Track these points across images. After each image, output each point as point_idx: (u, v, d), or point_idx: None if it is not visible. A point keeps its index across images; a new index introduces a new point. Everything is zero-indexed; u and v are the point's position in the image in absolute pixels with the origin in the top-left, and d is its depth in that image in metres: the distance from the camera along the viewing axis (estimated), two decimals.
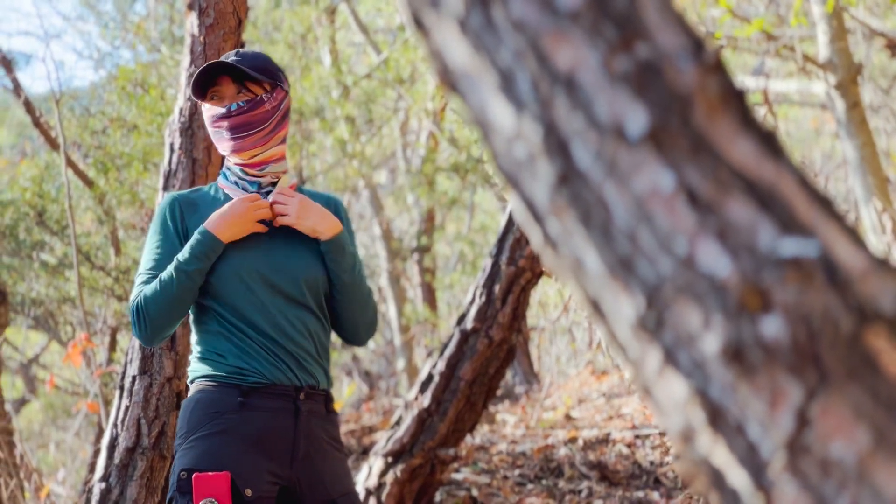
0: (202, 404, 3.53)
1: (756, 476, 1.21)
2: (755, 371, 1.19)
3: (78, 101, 11.55)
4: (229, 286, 3.57)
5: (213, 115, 3.68)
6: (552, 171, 1.29)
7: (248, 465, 3.45)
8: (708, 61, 1.26)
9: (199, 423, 3.49)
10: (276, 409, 3.55)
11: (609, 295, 1.28)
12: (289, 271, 3.68)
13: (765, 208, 1.21)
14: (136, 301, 3.58)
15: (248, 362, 3.53)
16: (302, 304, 3.69)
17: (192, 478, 3.38)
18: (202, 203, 3.75)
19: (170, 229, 3.68)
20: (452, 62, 1.36)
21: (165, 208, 3.71)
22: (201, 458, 3.43)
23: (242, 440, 3.47)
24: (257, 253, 3.64)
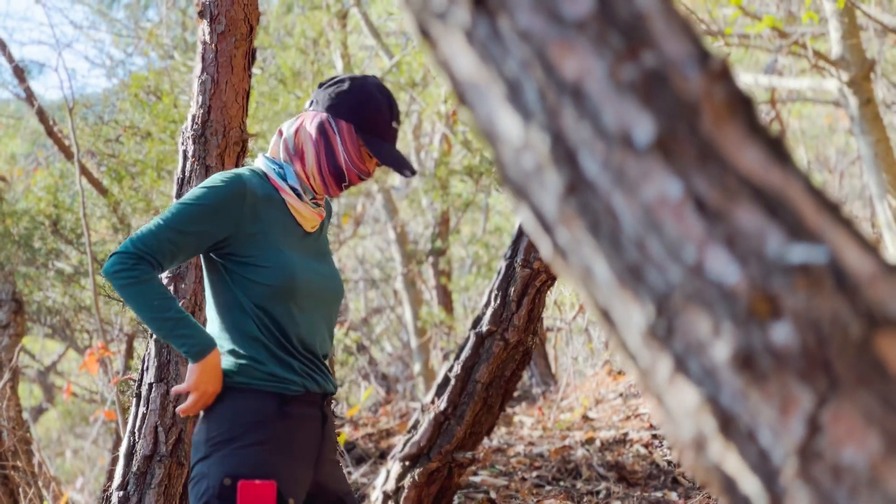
0: (244, 411, 3.46)
1: (768, 483, 1.21)
2: (766, 378, 1.19)
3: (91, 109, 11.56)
4: (279, 294, 3.53)
5: (355, 166, 3.65)
6: (560, 181, 1.29)
7: (290, 474, 3.44)
8: (714, 69, 1.26)
9: (244, 431, 3.42)
10: (310, 416, 3.56)
11: (619, 303, 1.28)
12: (330, 284, 3.71)
13: (773, 215, 1.21)
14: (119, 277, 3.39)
15: (285, 371, 3.52)
16: (331, 318, 3.72)
17: (236, 485, 3.35)
18: (263, 205, 3.58)
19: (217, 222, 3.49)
20: (459, 73, 1.36)
21: (231, 198, 3.50)
22: (246, 465, 3.36)
23: (284, 450, 3.46)
24: (308, 263, 3.63)
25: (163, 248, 3.43)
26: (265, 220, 3.56)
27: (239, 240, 3.52)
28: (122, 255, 3.41)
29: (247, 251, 3.51)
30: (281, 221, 3.60)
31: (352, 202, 15.21)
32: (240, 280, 3.53)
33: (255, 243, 3.52)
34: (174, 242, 3.44)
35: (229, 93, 5.32)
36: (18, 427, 7.87)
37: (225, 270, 3.56)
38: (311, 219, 3.68)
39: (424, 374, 13.77)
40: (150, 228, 3.45)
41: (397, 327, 17.17)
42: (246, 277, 3.51)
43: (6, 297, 9.26)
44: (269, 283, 3.51)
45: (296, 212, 3.63)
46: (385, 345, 17.96)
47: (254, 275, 3.51)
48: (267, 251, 3.52)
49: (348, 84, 3.70)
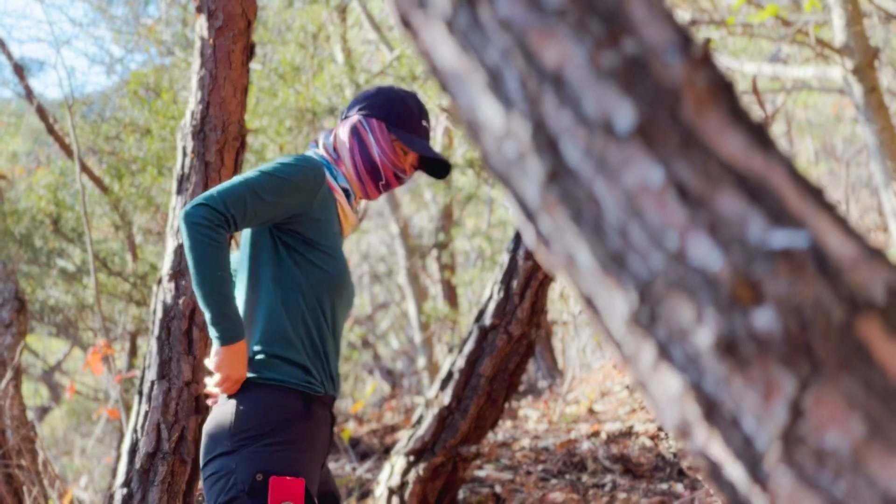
0: (274, 408, 3.47)
1: (752, 468, 1.21)
2: (748, 364, 1.19)
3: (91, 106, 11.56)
4: (333, 285, 3.58)
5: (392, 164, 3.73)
6: (542, 169, 1.29)
7: (314, 474, 3.48)
8: (695, 55, 1.26)
9: (274, 428, 3.43)
10: (324, 418, 3.61)
11: (602, 291, 1.28)
12: (353, 290, 3.77)
13: (755, 201, 1.21)
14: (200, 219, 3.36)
15: (309, 371, 3.54)
16: (345, 323, 3.77)
17: (268, 480, 3.35)
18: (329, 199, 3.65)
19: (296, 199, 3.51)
20: (441, 62, 1.36)
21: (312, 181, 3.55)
22: (278, 462, 3.39)
23: (309, 449, 3.49)
24: (346, 267, 3.68)
25: (245, 212, 3.43)
26: (328, 210, 3.63)
27: (306, 222, 3.56)
28: (210, 210, 3.38)
29: (313, 234, 3.56)
30: (335, 219, 3.68)
31: None
32: (302, 261, 3.55)
33: (319, 229, 3.58)
34: (255, 209, 3.45)
35: (228, 88, 5.32)
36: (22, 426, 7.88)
37: (286, 248, 3.56)
38: (353, 223, 3.79)
39: (429, 369, 13.77)
40: (237, 188, 3.43)
41: (402, 322, 17.18)
42: (309, 259, 3.56)
43: (9, 296, 9.25)
44: (329, 271, 3.57)
45: (343, 213, 3.71)
46: (391, 340, 17.98)
47: (318, 259, 3.57)
48: (330, 240, 3.60)
49: (376, 90, 3.81)
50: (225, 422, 3.50)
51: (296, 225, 3.55)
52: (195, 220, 3.36)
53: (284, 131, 10.57)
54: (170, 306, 5.27)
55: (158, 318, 5.29)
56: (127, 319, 10.41)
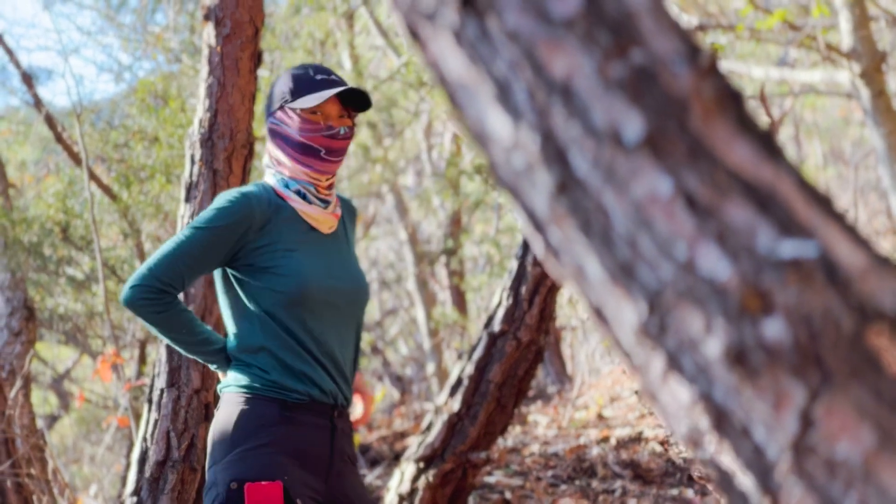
0: (246, 416, 3.50)
1: (763, 478, 1.21)
2: (758, 373, 1.19)
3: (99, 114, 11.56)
4: (290, 301, 3.53)
5: (317, 129, 3.62)
6: (551, 180, 1.29)
7: (296, 477, 3.45)
8: (703, 65, 1.26)
9: (246, 435, 3.46)
10: (316, 426, 3.56)
11: (611, 301, 1.28)
12: (349, 287, 3.70)
13: (764, 210, 1.21)
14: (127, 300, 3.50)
15: (290, 380, 3.52)
16: (351, 322, 3.71)
17: (243, 488, 3.37)
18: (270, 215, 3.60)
19: (224, 240, 3.52)
20: (449, 74, 1.36)
21: (235, 215, 3.53)
22: (251, 469, 3.40)
23: (288, 453, 3.47)
24: (326, 268, 3.62)
25: (179, 275, 3.51)
26: (275, 232, 3.58)
27: (250, 253, 3.55)
28: (142, 288, 3.50)
29: (259, 261, 3.55)
30: (293, 230, 3.62)
31: (362, 204, 15.22)
32: (252, 288, 3.56)
33: (266, 253, 3.55)
34: (189, 267, 3.52)
35: (236, 95, 5.33)
36: (32, 434, 7.88)
37: (236, 281, 3.59)
38: (326, 220, 3.69)
39: (438, 375, 13.76)
40: (165, 256, 3.52)
41: (412, 328, 17.16)
42: (258, 285, 3.55)
43: (18, 305, 9.26)
44: (281, 290, 3.53)
45: (307, 216, 3.64)
46: (400, 346, 17.98)
47: (266, 282, 3.54)
48: (280, 259, 3.55)
49: (274, 85, 3.78)
50: (211, 434, 3.59)
51: (242, 259, 3.56)
52: (133, 304, 3.51)
53: None
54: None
55: None
56: (136, 327, 10.40)
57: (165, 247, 3.54)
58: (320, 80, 3.64)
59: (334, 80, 3.65)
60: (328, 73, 3.68)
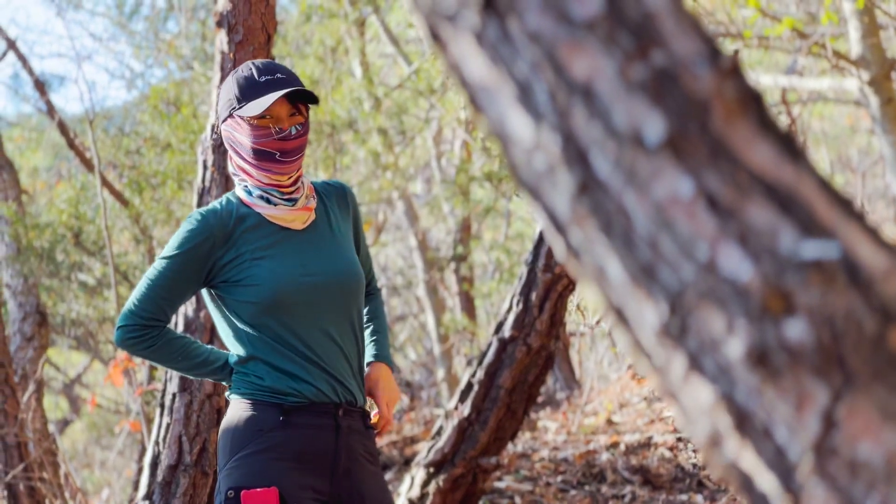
0: (244, 422, 3.51)
1: (784, 479, 1.21)
2: (780, 374, 1.19)
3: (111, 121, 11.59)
4: (268, 309, 3.52)
5: (267, 135, 3.55)
6: (572, 181, 1.29)
7: (293, 482, 3.45)
8: (724, 66, 1.26)
9: (243, 442, 3.48)
10: (318, 426, 3.55)
11: (632, 302, 1.28)
12: (331, 280, 3.64)
13: (785, 211, 1.21)
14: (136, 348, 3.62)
15: (288, 383, 3.52)
16: (341, 314, 3.68)
17: (240, 496, 3.38)
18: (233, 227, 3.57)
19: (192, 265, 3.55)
20: (470, 75, 1.37)
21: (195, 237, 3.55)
22: (247, 476, 3.42)
23: (286, 458, 3.47)
24: (303, 265, 3.59)
25: (159, 307, 3.59)
26: (240, 243, 3.57)
27: (221, 269, 3.56)
28: (127, 328, 3.60)
29: (231, 275, 3.55)
30: (261, 236, 3.60)
31: (372, 210, 15.22)
32: (230, 303, 3.57)
33: (235, 267, 3.55)
34: (165, 297, 3.59)
35: None
36: (44, 439, 7.90)
37: (218, 298, 3.62)
38: (296, 217, 3.63)
39: (448, 381, 13.76)
40: (141, 292, 3.61)
41: (421, 335, 17.17)
42: (235, 299, 3.56)
43: (30, 310, 9.28)
44: (255, 301, 3.52)
45: (275, 219, 3.61)
46: (409, 352, 17.98)
47: (241, 295, 3.54)
48: (248, 270, 3.54)
49: (221, 92, 3.73)
50: (218, 440, 3.63)
51: (216, 277, 3.58)
52: (124, 343, 3.63)
53: None
54: (191, 319, 5.29)
55: (180, 331, 5.31)
56: None
57: (141, 283, 3.62)
58: (265, 83, 3.55)
59: (279, 80, 3.57)
60: (273, 72, 3.60)
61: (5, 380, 7.29)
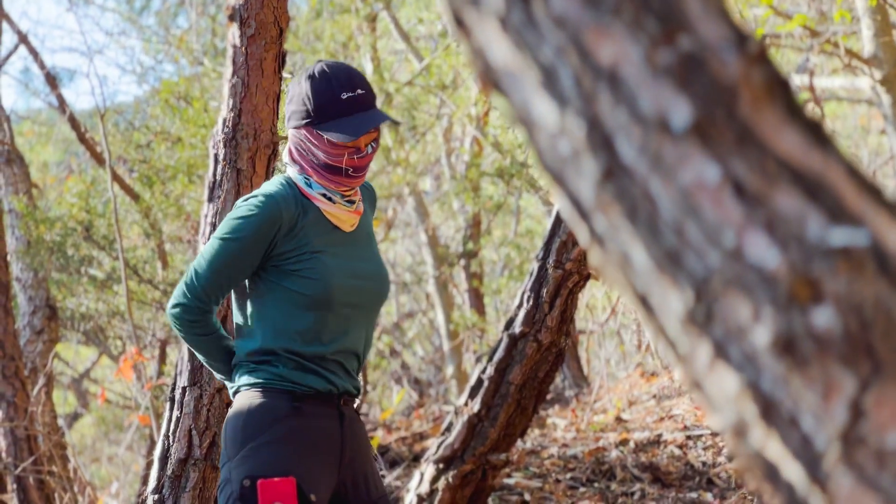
0: (257, 411, 3.50)
1: (811, 469, 1.20)
2: (807, 363, 1.18)
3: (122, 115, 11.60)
4: (315, 303, 3.52)
5: (341, 155, 3.54)
6: (597, 167, 1.28)
7: (309, 470, 3.46)
8: (752, 52, 1.25)
9: (257, 431, 3.47)
10: (326, 415, 3.57)
11: (657, 289, 1.27)
12: (371, 285, 3.68)
13: (813, 198, 1.20)
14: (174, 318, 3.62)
15: (300, 376, 3.53)
16: (369, 318, 3.70)
17: (256, 485, 3.37)
18: (296, 218, 3.55)
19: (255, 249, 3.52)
20: (494, 60, 1.35)
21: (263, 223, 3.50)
22: (264, 464, 3.42)
23: (302, 446, 3.48)
24: (349, 267, 3.60)
25: (217, 291, 3.57)
26: (301, 234, 3.56)
27: (277, 256, 3.54)
28: (188, 309, 3.58)
29: (286, 264, 3.52)
30: (318, 230, 3.59)
31: (382, 206, 15.21)
32: (275, 287, 3.54)
33: (294, 256, 3.53)
34: (225, 280, 3.56)
35: (260, 96, 5.32)
36: (53, 432, 7.90)
37: (259, 278, 3.57)
38: (349, 219, 3.65)
39: (457, 377, 13.75)
40: (200, 274, 3.55)
41: (429, 331, 17.15)
42: (282, 285, 3.52)
43: (40, 304, 9.29)
44: (307, 293, 3.51)
45: (332, 216, 3.60)
46: (417, 349, 17.97)
47: (291, 284, 3.52)
48: (307, 262, 3.52)
49: (289, 93, 3.68)
50: (224, 432, 3.61)
51: (270, 261, 3.55)
52: (178, 322, 3.63)
53: None
54: None
55: None
56: (157, 327, 10.42)
57: (202, 262, 3.55)
58: (347, 102, 3.52)
59: (358, 99, 3.53)
60: (353, 87, 3.54)
61: (15, 373, 7.30)
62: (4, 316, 7.36)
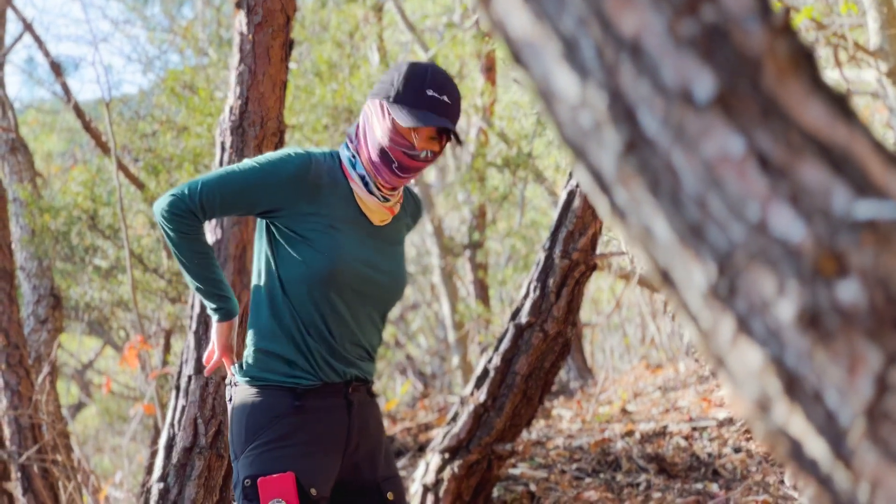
0: (258, 409, 3.50)
1: (835, 445, 1.18)
2: (832, 337, 1.16)
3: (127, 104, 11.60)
4: (317, 278, 3.48)
5: (400, 144, 3.50)
6: (619, 139, 1.26)
7: (310, 466, 3.45)
8: (776, 23, 1.23)
9: (259, 429, 3.47)
10: (331, 406, 3.55)
11: (679, 263, 1.26)
12: (385, 280, 3.64)
13: (838, 171, 1.19)
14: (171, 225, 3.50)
15: (303, 368, 3.51)
16: (379, 312, 3.68)
17: (256, 483, 3.39)
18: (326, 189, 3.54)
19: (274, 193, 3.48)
20: (514, 31, 1.34)
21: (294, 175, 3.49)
22: (264, 464, 3.43)
23: (302, 441, 3.47)
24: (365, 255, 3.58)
25: (214, 204, 3.48)
26: (324, 204, 3.53)
27: (293, 217, 3.50)
28: (177, 203, 3.48)
29: (300, 229, 3.49)
30: (344, 208, 3.57)
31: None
32: (285, 256, 3.51)
33: (309, 224, 3.50)
34: (227, 201, 3.50)
35: (266, 83, 5.32)
36: (58, 421, 7.89)
37: (273, 243, 3.55)
38: (379, 212, 3.63)
39: (462, 368, 13.76)
40: (211, 180, 3.49)
41: (434, 323, 17.15)
42: (291, 254, 3.50)
43: (44, 293, 9.28)
44: (310, 265, 3.48)
45: (361, 202, 3.58)
46: (421, 340, 17.98)
47: (299, 252, 3.49)
48: (319, 233, 3.49)
49: (391, 68, 3.66)
50: (230, 428, 3.61)
51: (283, 219, 3.51)
52: (165, 215, 3.50)
53: (321, 128, 10.57)
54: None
55: (196, 313, 5.30)
56: (161, 316, 10.42)
57: (212, 173, 3.53)
58: (429, 99, 3.49)
59: (442, 104, 3.50)
60: (440, 91, 3.52)
61: (19, 361, 7.29)
62: (9, 304, 7.35)
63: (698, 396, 9.52)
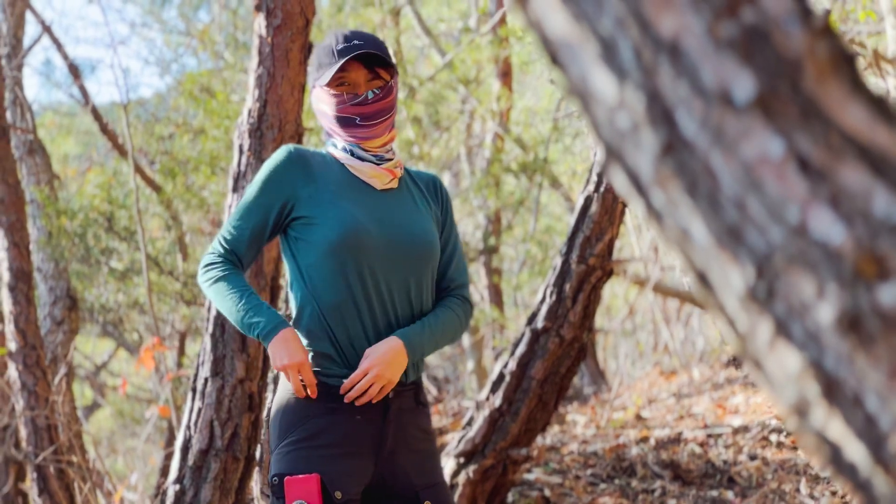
0: (291, 408, 3.51)
1: (875, 449, 1.17)
2: (873, 341, 1.15)
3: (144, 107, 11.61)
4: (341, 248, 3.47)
5: (342, 101, 3.56)
6: (657, 141, 1.26)
7: (336, 468, 3.44)
8: (816, 25, 1.23)
9: (290, 428, 3.49)
10: (365, 409, 3.52)
11: (717, 266, 1.25)
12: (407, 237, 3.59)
13: (879, 173, 1.18)
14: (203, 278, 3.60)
15: (339, 369, 3.51)
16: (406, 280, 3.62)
17: (283, 482, 3.41)
18: (317, 167, 3.60)
19: (272, 191, 3.55)
20: (552, 32, 1.33)
21: (280, 165, 3.57)
22: (291, 463, 3.44)
23: (331, 443, 3.46)
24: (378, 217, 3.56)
25: (237, 237, 3.57)
26: (320, 179, 3.57)
27: (298, 205, 3.53)
28: (208, 255, 3.63)
29: (307, 211, 3.51)
30: (340, 180, 3.59)
31: None
32: (302, 245, 3.52)
33: (313, 202, 3.52)
34: (245, 226, 3.56)
35: (285, 86, 5.32)
36: (73, 422, 7.90)
37: (290, 242, 3.56)
38: (379, 175, 3.62)
39: (477, 373, 13.75)
40: (229, 221, 3.62)
41: None
42: (306, 239, 3.51)
43: (61, 294, 9.30)
44: (324, 237, 3.47)
45: (357, 171, 3.60)
46: None
47: (312, 234, 3.49)
48: (324, 207, 3.51)
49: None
50: (270, 423, 3.64)
51: (293, 213, 3.56)
52: (199, 270, 3.67)
53: None
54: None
55: (213, 315, 5.30)
56: (177, 318, 10.43)
57: (228, 219, 3.66)
58: (341, 51, 3.56)
59: (355, 46, 3.56)
60: (351, 40, 3.59)
61: (36, 362, 7.30)
62: (26, 305, 7.36)
63: (713, 403, 9.51)
